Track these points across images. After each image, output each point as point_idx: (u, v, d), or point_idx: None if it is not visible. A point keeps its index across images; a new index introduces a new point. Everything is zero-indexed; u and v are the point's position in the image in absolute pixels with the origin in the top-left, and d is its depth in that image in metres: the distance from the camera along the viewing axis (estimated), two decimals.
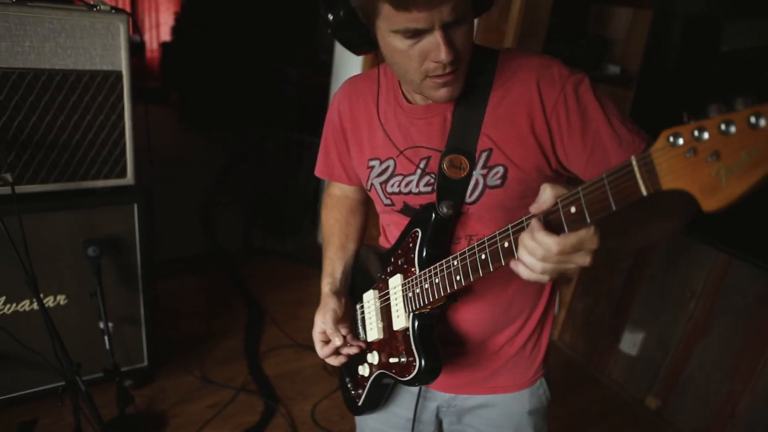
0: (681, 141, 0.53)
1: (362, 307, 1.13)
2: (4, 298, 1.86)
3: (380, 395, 1.16)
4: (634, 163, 0.58)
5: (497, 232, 0.79)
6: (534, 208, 0.70)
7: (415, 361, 0.97)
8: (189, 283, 3.13)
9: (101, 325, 1.98)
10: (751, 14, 2.59)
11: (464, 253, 0.86)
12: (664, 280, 2.48)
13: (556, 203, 0.67)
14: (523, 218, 0.74)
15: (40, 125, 1.74)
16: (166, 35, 6.94)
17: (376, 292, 1.10)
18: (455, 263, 0.88)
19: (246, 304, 3.00)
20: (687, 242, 2.35)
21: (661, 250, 2.48)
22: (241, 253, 3.53)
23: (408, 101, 1.00)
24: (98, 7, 1.73)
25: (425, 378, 0.98)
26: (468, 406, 1.18)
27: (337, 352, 1.12)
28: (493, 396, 1.15)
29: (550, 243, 0.67)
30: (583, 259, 0.68)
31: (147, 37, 6.93)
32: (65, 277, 1.94)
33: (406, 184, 1.02)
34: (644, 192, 0.58)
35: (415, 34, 0.80)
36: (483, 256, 0.81)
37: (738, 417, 2.26)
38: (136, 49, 6.31)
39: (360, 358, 1.14)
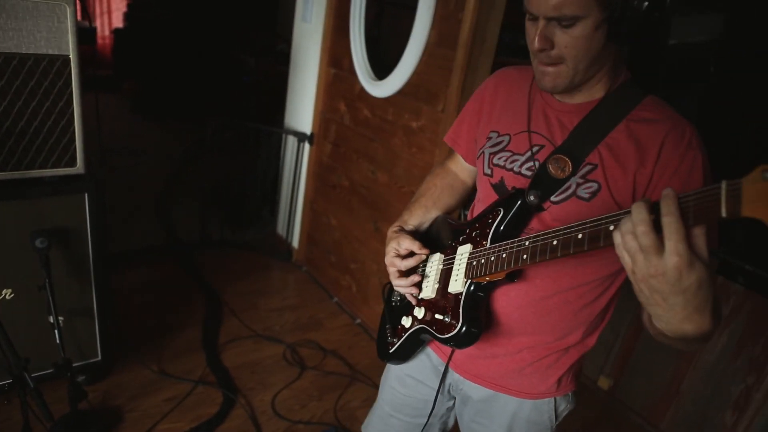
0: None
1: (424, 265, 1.21)
2: None
3: (412, 349, 1.26)
4: (723, 186, 0.63)
5: (573, 224, 0.83)
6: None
7: (457, 323, 1.05)
8: (145, 276, 3.06)
9: (51, 319, 1.92)
10: (698, 10, 2.70)
11: (537, 235, 0.90)
12: None
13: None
14: (602, 216, 0.78)
15: None
16: (118, 21, 6.71)
17: (442, 256, 1.17)
18: (526, 243, 0.93)
19: (204, 295, 2.96)
20: None
21: None
22: (199, 244, 3.47)
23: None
24: None
25: (462, 341, 1.05)
26: (472, 395, 1.23)
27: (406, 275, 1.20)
28: (497, 394, 1.18)
29: (673, 213, 0.66)
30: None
31: (98, 23, 6.68)
32: (11, 271, 1.87)
33: (512, 162, 1.09)
34: (724, 214, 0.62)
35: (531, 17, 0.93)
36: (554, 242, 0.86)
37: (682, 394, 2.37)
38: (88, 35, 6.09)
39: (406, 310, 1.23)
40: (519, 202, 1.03)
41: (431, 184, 1.34)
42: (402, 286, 1.20)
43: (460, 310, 1.06)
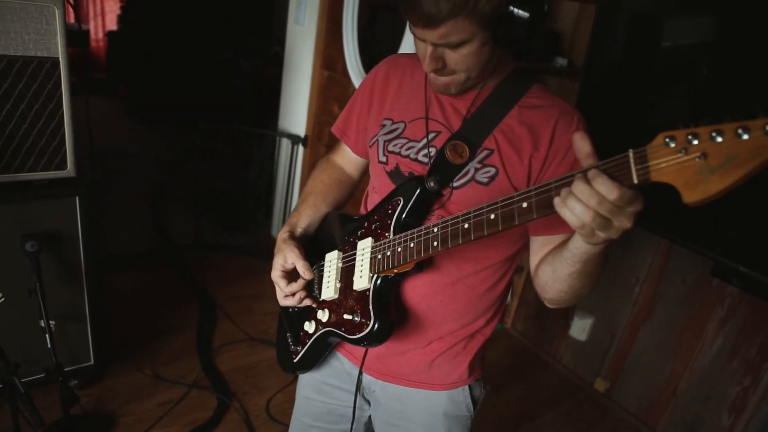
0: (674, 143, 0.63)
1: (321, 265, 1.15)
2: None
3: (318, 354, 1.18)
4: (630, 155, 0.67)
5: (485, 205, 0.83)
6: (583, 157, 0.73)
7: (369, 321, 1.01)
8: (139, 279, 3.03)
9: (42, 323, 1.90)
10: (692, 11, 2.70)
11: (446, 221, 0.90)
12: (611, 267, 2.56)
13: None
14: (513, 194, 0.79)
15: None
16: (112, 24, 6.69)
17: (341, 253, 1.12)
18: (435, 230, 0.91)
19: (198, 299, 2.94)
20: (633, 231, 2.43)
21: None
22: (193, 247, 3.45)
23: None
24: None
25: (375, 338, 1.01)
26: (384, 396, 1.20)
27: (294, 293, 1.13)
28: (410, 389, 1.16)
29: (611, 188, 0.67)
30: (628, 220, 0.70)
31: (92, 26, 6.65)
32: (1, 274, 1.85)
33: (408, 148, 1.07)
34: (635, 180, 0.67)
35: (420, 39, 0.93)
36: (466, 225, 0.86)
37: (679, 395, 2.37)
38: (80, 37, 6.05)
39: (307, 314, 1.16)
40: (419, 189, 1.01)
41: (318, 180, 1.29)
42: (290, 304, 1.14)
43: (370, 307, 1.01)
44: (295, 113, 3.21)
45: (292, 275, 1.14)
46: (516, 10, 0.86)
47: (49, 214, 1.89)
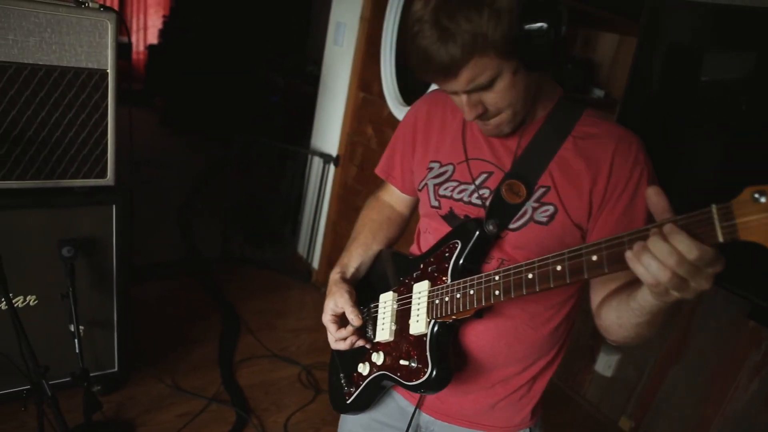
0: (765, 198, 0.58)
1: (376, 306, 1.13)
2: None
3: (373, 396, 1.14)
4: (713, 210, 0.62)
5: (549, 255, 0.79)
6: (658, 212, 0.69)
7: (426, 367, 0.97)
8: (164, 289, 3.07)
9: (71, 327, 1.93)
10: (731, 47, 2.67)
11: (508, 270, 0.86)
12: None
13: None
14: (582, 246, 0.75)
15: (20, 120, 1.70)
16: (153, 38, 6.89)
17: (396, 294, 1.09)
18: (496, 278, 0.88)
19: (222, 312, 2.96)
20: None
21: None
22: (220, 260, 3.48)
23: None
24: (87, 4, 1.70)
25: (433, 386, 0.97)
26: None
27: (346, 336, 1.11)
28: (472, 431, 1.13)
29: (691, 246, 0.63)
30: (707, 281, 0.66)
31: (134, 39, 6.87)
32: (37, 277, 1.89)
33: (460, 191, 1.04)
34: (720, 239, 0.62)
35: (450, 93, 0.91)
36: (530, 276, 0.82)
37: None
38: (123, 50, 6.24)
39: (361, 355, 1.13)
40: (477, 232, 0.97)
41: (368, 219, 1.26)
42: (341, 348, 1.12)
43: (428, 353, 0.97)
44: (329, 132, 3.24)
45: (343, 320, 1.12)
46: (529, 25, 0.81)
47: (85, 221, 1.93)
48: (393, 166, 1.22)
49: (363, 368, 1.12)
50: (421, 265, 1.06)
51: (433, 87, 1.18)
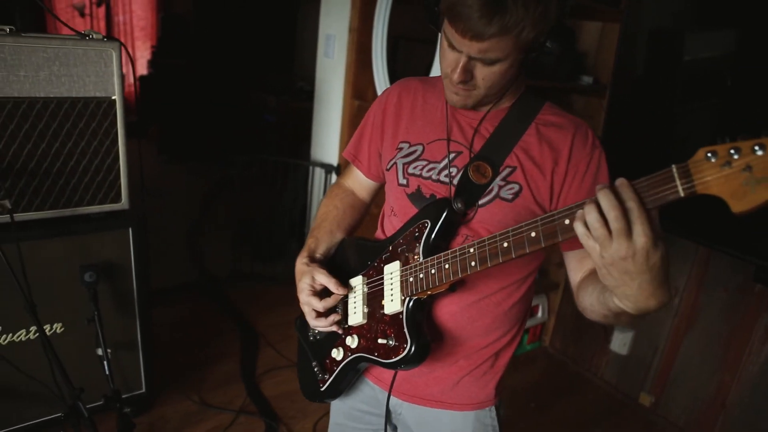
0: (716, 158, 0.66)
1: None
2: (0, 328, 1.84)
3: (348, 380, 1.18)
4: (674, 169, 0.70)
5: (524, 223, 0.85)
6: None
7: (405, 343, 1.01)
8: (180, 311, 3.11)
9: (99, 351, 1.96)
10: (710, 26, 2.75)
11: (483, 241, 0.91)
12: None
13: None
14: (554, 211, 0.81)
15: (35, 153, 1.76)
16: (143, 69, 6.97)
17: (365, 278, 1.13)
18: (471, 250, 0.93)
19: (239, 328, 3.00)
20: (669, 239, 2.44)
21: None
22: (230, 279, 3.53)
23: None
24: (90, 36, 1.77)
25: (413, 360, 1.01)
26: (410, 419, 1.21)
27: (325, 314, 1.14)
28: (438, 411, 1.17)
29: (634, 198, 0.71)
30: (656, 252, 0.72)
31: (125, 71, 6.95)
32: (61, 305, 1.93)
33: (429, 170, 1.10)
34: (681, 194, 0.69)
35: (451, 46, 0.96)
36: (505, 244, 0.87)
37: (729, 407, 2.33)
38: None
39: (332, 342, 1.17)
40: (446, 211, 1.03)
41: (331, 206, 1.30)
42: (322, 327, 1.15)
43: (405, 330, 1.02)
44: (327, 143, 3.31)
45: (321, 295, 1.14)
46: (550, 43, 0.92)
47: (104, 246, 1.98)
48: (360, 150, 1.27)
49: (336, 353, 1.16)
50: (390, 248, 1.10)
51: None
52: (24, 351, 1.89)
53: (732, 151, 0.65)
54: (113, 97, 1.84)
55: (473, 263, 0.92)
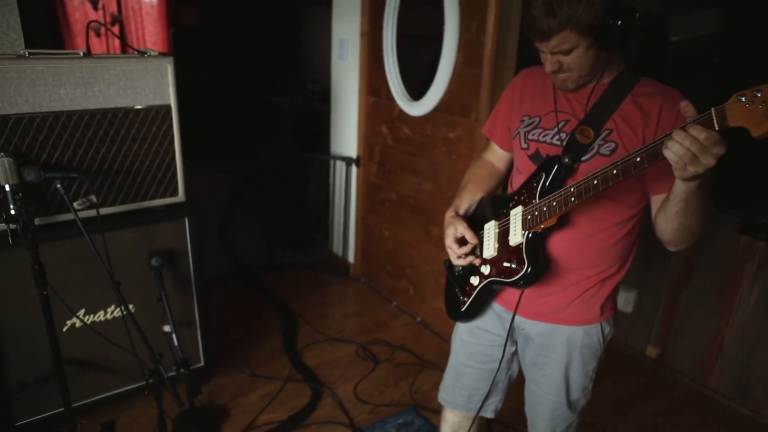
0: (744, 98, 0.93)
1: (481, 233, 1.49)
2: (83, 310, 2.14)
3: (482, 303, 1.52)
4: (712, 110, 0.98)
5: (606, 165, 1.14)
6: (689, 117, 1.02)
7: (523, 265, 1.33)
8: (222, 297, 3.40)
9: (166, 328, 2.26)
10: (694, 7, 3.00)
11: (579, 182, 1.20)
12: (644, 241, 2.81)
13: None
14: (629, 153, 1.10)
15: (108, 156, 2.05)
16: None
17: (496, 222, 1.46)
18: (572, 189, 1.22)
19: (277, 310, 3.29)
20: None
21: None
22: (265, 268, 3.83)
23: None
24: (148, 53, 2.06)
25: (529, 278, 1.33)
26: (532, 333, 1.52)
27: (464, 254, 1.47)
28: (556, 326, 1.47)
29: (700, 130, 0.97)
30: (713, 158, 0.98)
31: None
32: (133, 288, 2.22)
33: (544, 135, 1.39)
34: (716, 127, 0.97)
35: (539, 51, 1.27)
36: (595, 182, 1.17)
37: (725, 350, 2.59)
38: None
39: (471, 272, 1.51)
40: (556, 165, 1.32)
41: (473, 174, 1.65)
42: (462, 263, 1.49)
43: (524, 255, 1.34)
44: (346, 138, 3.59)
45: (461, 242, 1.48)
46: (607, 19, 1.16)
47: (165, 235, 2.26)
48: (495, 126, 1.61)
49: (474, 280, 1.51)
50: (515, 197, 1.42)
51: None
52: (103, 329, 2.17)
53: (755, 93, 0.92)
54: (169, 104, 2.13)
55: (573, 198, 1.22)
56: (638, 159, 1.09)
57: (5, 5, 2.24)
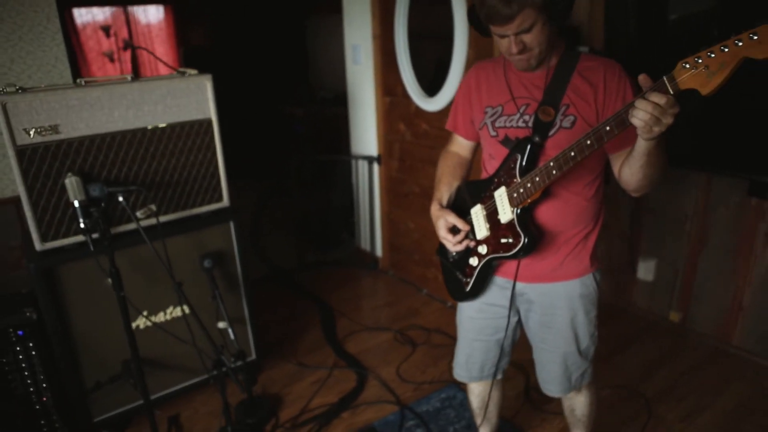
0: (688, 65, 1.11)
1: (470, 218, 1.62)
2: (145, 312, 2.33)
3: (484, 280, 1.65)
4: (664, 78, 1.15)
5: (579, 139, 1.31)
6: (646, 87, 1.17)
7: (519, 237, 1.48)
8: (259, 301, 3.56)
9: (220, 325, 2.45)
10: None
11: (558, 156, 1.36)
12: (661, 210, 2.96)
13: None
14: (600, 124, 1.26)
15: (159, 168, 2.24)
16: None
17: (481, 205, 1.59)
18: (551, 164, 1.38)
19: (316, 305, 3.47)
20: (673, 174, 2.84)
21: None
22: (297, 270, 4.01)
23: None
24: (188, 73, 2.25)
25: (527, 248, 1.48)
26: (534, 296, 1.67)
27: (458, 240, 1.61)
28: (554, 284, 1.63)
29: (660, 96, 1.13)
30: (672, 117, 1.15)
31: None
32: (188, 289, 2.40)
33: (509, 121, 1.55)
34: (671, 91, 1.13)
35: (501, 36, 1.40)
36: (572, 153, 1.33)
37: (745, 308, 2.72)
38: None
39: (468, 255, 1.65)
40: (529, 144, 1.47)
41: (445, 166, 1.78)
42: (459, 249, 1.63)
43: (518, 229, 1.49)
44: (366, 138, 3.77)
45: (453, 230, 1.63)
46: None
47: (213, 239, 2.45)
48: (456, 120, 1.76)
49: (473, 261, 1.64)
50: (495, 180, 1.57)
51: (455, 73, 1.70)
52: (165, 328, 2.36)
53: (697, 59, 1.09)
54: (210, 118, 2.32)
55: (554, 171, 1.38)
56: (608, 128, 1.25)
57: (53, 41, 2.45)
